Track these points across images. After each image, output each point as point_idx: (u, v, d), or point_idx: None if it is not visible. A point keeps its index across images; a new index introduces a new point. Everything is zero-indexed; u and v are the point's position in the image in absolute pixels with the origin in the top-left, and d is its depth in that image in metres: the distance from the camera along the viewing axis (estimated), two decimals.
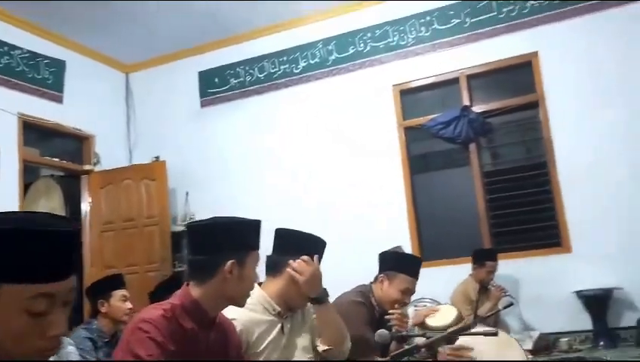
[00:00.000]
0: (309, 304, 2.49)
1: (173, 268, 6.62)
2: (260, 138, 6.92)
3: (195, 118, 7.34)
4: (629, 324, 5.24)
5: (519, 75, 6.10)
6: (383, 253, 3.20)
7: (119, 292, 3.78)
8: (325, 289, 2.43)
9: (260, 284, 2.40)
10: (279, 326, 2.32)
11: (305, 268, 2.32)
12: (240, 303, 1.96)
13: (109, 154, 7.16)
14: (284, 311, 2.36)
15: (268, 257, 2.44)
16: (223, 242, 1.84)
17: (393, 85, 6.45)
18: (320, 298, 2.40)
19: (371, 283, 3.19)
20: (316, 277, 2.35)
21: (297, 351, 2.39)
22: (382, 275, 3.11)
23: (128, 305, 3.75)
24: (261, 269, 2.23)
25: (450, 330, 2.12)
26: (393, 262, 3.13)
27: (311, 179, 6.60)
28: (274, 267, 2.41)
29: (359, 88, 6.57)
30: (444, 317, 3.30)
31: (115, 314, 3.70)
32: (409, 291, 3.08)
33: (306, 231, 2.47)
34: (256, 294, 2.32)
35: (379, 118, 6.45)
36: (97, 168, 7.02)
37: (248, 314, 2.23)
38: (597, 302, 5.28)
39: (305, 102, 6.79)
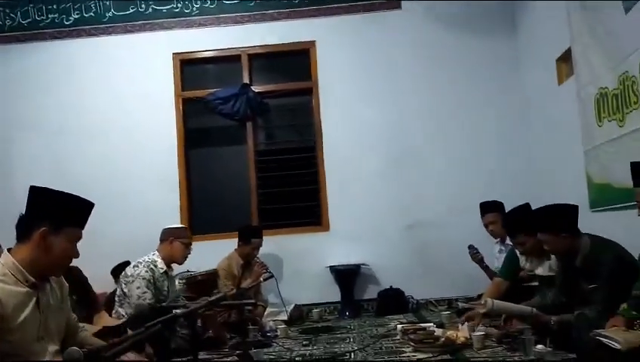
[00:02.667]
0: (64, 280, 2.32)
1: None
2: (19, 92, 6.18)
3: None
4: (372, 296, 5.91)
5: (297, 61, 6.39)
6: None
7: None
8: None
9: (9, 250, 2.13)
10: (34, 300, 2.10)
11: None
12: None
13: None
14: (38, 281, 2.12)
15: (19, 219, 2.15)
16: None
17: (174, 53, 6.27)
18: None
19: None
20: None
21: (54, 329, 2.19)
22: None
23: None
24: None
25: (210, 299, 2.16)
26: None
27: (77, 141, 6.11)
28: (25, 230, 2.12)
29: (137, 51, 6.25)
30: None
31: None
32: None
33: (68, 192, 2.21)
34: (5, 262, 2.07)
35: (157, 85, 6.23)
36: None
37: (0, 286, 1.99)
38: (346, 277, 5.85)
39: (75, 58, 6.23)
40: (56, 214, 2.13)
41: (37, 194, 2.16)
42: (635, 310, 2.92)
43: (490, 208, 4.90)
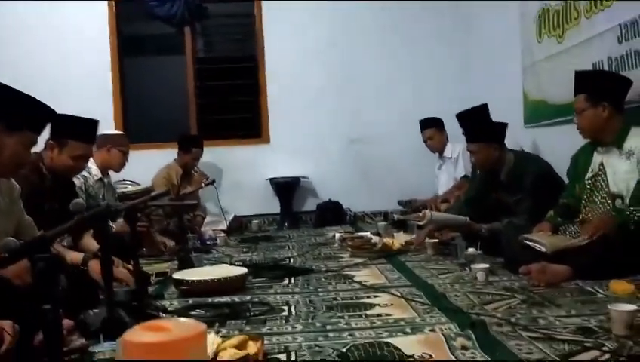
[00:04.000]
0: (15, 183, 2.23)
1: None
2: None
3: None
4: (311, 209, 6.01)
5: None
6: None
7: None
8: None
9: None
10: None
11: None
12: None
13: None
14: None
15: None
16: None
17: None
18: None
19: (41, 150, 2.87)
20: None
21: None
22: (51, 142, 2.82)
23: None
24: None
25: (153, 194, 2.12)
26: (64, 128, 2.83)
27: (4, 43, 5.69)
28: None
29: None
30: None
31: None
32: (82, 157, 2.91)
33: (30, 95, 2.10)
34: None
35: None
36: None
37: None
38: (286, 189, 5.90)
39: None
40: (13, 114, 2.02)
41: None
42: (561, 217, 3.11)
43: (428, 124, 5.10)
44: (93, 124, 2.96)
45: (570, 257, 2.74)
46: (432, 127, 5.07)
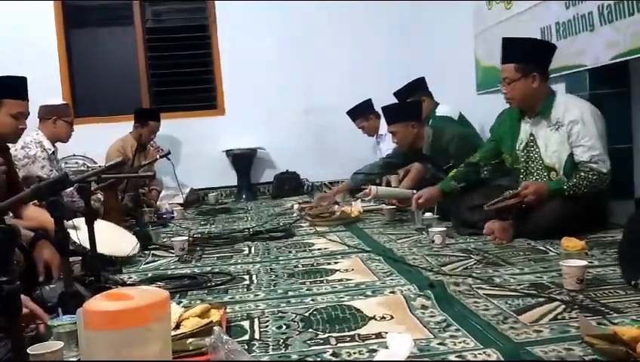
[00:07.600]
0: None
1: None
2: None
3: None
4: (268, 180, 6.00)
5: None
6: None
7: None
8: None
9: None
10: None
11: None
12: None
13: None
14: None
15: None
16: None
17: None
18: None
19: None
20: None
21: None
22: None
23: None
24: None
25: (108, 164, 2.07)
26: None
27: None
28: None
29: None
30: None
31: None
32: (22, 115, 2.78)
33: None
34: None
35: None
36: None
37: None
38: (243, 160, 5.85)
39: None
40: None
41: None
42: (462, 180, 3.22)
43: (355, 115, 5.20)
44: (23, 80, 2.85)
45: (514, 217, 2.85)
46: (358, 117, 5.17)
